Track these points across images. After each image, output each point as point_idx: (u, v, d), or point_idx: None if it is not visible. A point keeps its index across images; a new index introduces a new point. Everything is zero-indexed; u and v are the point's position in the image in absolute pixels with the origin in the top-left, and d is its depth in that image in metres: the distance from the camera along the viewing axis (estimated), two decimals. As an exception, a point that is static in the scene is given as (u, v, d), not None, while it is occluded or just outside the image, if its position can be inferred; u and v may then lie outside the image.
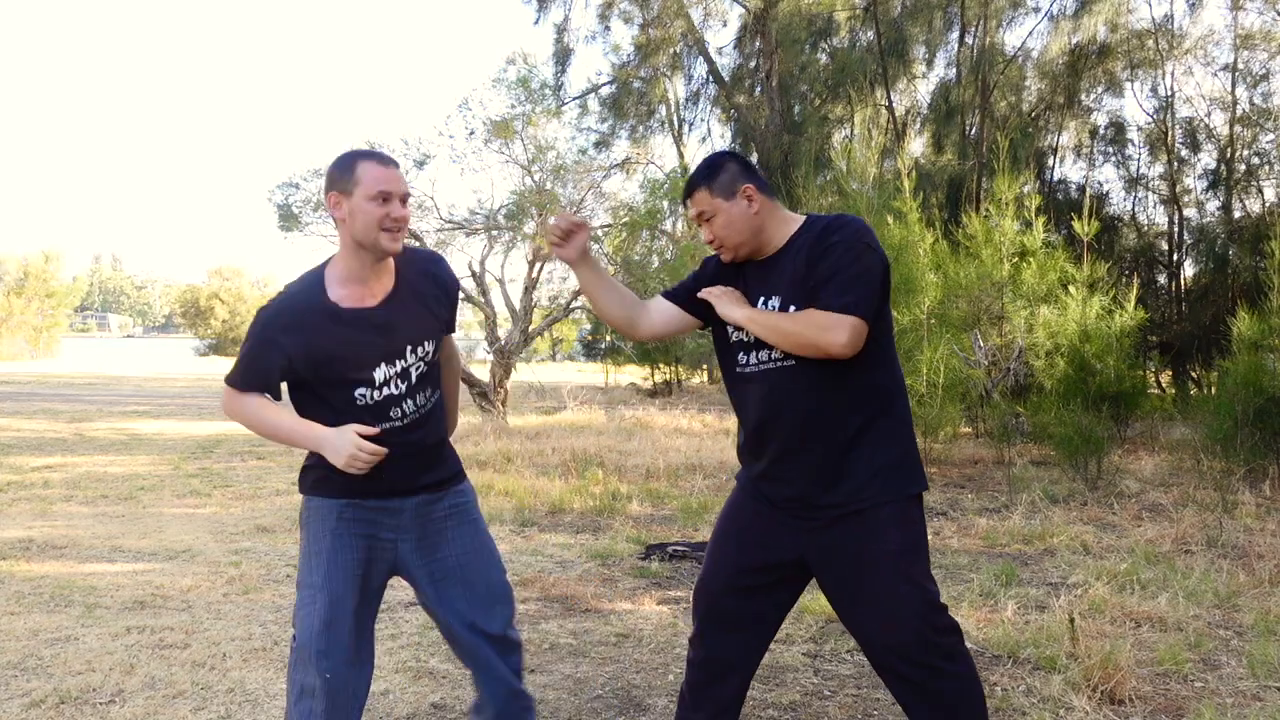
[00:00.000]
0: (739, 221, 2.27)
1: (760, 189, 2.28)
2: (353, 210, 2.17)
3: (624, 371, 23.02)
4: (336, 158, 2.25)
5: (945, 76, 17.33)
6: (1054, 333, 8.48)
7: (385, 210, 2.18)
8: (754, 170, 2.32)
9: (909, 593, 2.17)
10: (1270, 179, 14.64)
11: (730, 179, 2.27)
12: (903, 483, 2.23)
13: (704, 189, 2.29)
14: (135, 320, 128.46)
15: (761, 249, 2.32)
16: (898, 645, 2.18)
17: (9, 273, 35.79)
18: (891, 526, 2.20)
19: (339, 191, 2.20)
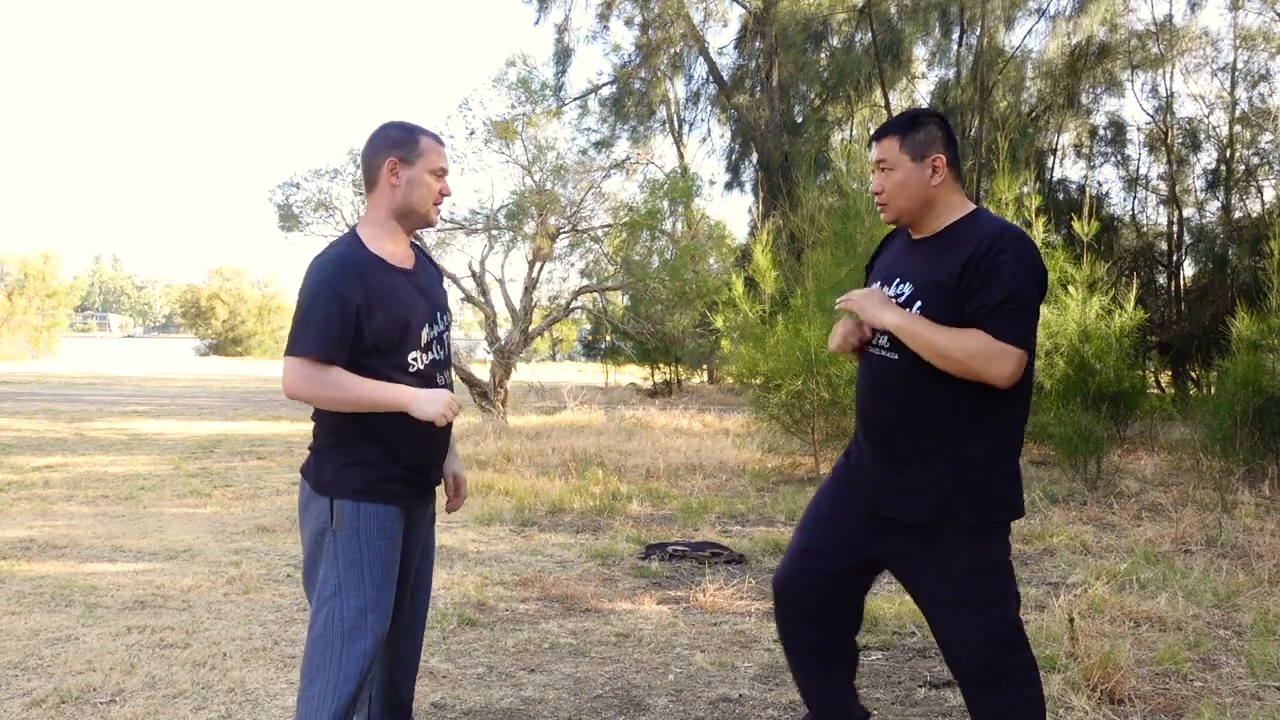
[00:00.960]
0: (914, 187, 2.16)
1: (950, 163, 2.17)
2: (412, 179, 2.23)
3: (624, 371, 23.03)
4: (393, 125, 2.27)
5: (944, 76, 17.34)
6: (1053, 333, 8.48)
7: (440, 185, 2.26)
8: (954, 142, 2.20)
9: (983, 623, 2.13)
10: (1270, 179, 14.65)
11: (926, 140, 2.16)
12: (987, 505, 2.14)
13: (895, 138, 2.17)
14: (135, 320, 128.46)
15: (922, 225, 2.21)
16: (962, 670, 2.19)
17: (9, 273, 35.77)
18: (967, 550, 2.15)
19: (400, 159, 2.22)
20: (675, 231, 13.99)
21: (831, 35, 18.31)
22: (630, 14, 21.45)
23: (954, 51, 16.96)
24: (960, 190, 2.22)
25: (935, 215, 2.19)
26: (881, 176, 2.19)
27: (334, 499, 2.22)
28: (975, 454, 2.13)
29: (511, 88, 12.22)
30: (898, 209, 2.20)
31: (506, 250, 12.79)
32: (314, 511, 2.27)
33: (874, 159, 2.21)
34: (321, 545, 2.25)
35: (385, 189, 2.24)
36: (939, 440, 2.13)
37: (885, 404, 2.20)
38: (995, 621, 2.14)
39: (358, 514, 2.22)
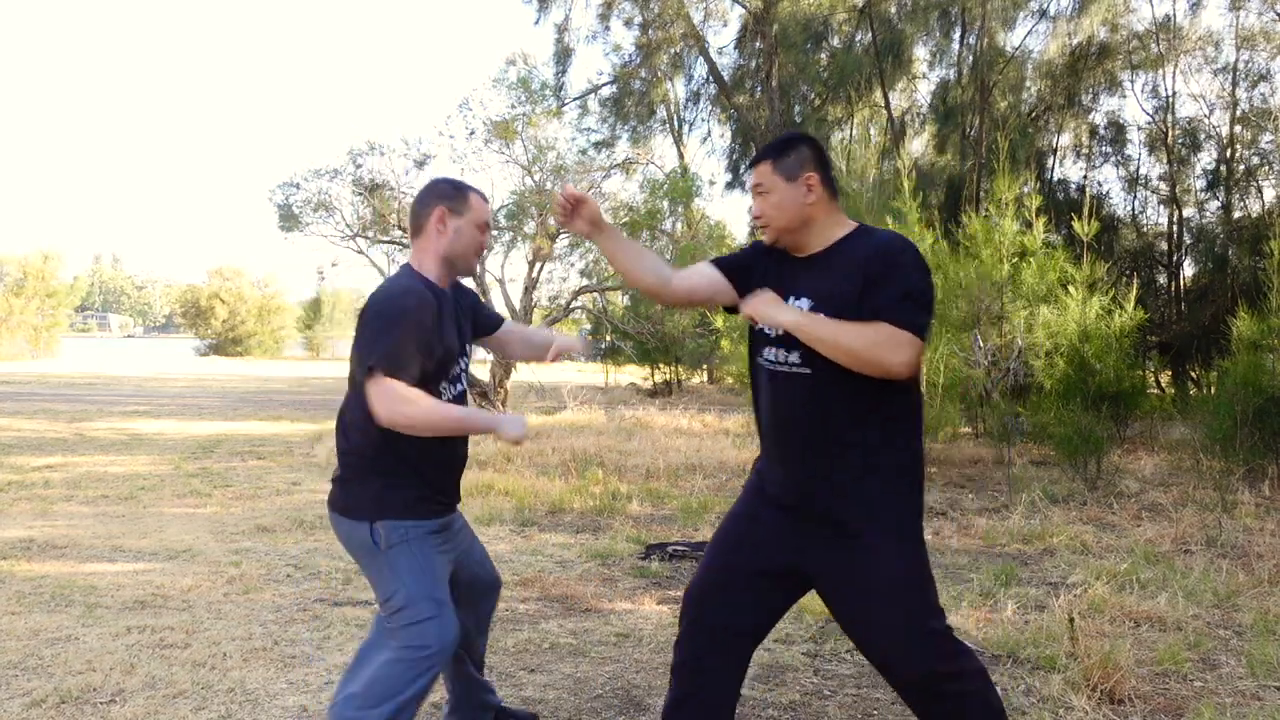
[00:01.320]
0: (791, 207, 2.22)
1: (824, 182, 2.23)
2: (459, 230, 2.45)
3: (624, 371, 23.04)
4: (445, 180, 2.53)
5: (945, 77, 17.34)
6: (1054, 333, 8.48)
7: (483, 239, 2.49)
8: (826, 162, 2.27)
9: (913, 633, 2.14)
10: (1270, 179, 14.65)
11: (797, 162, 2.23)
12: (906, 512, 2.20)
13: (769, 163, 2.25)
14: (135, 320, 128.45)
15: (804, 244, 2.26)
16: (903, 678, 2.18)
17: (9, 273, 35.76)
18: (895, 558, 2.16)
19: (450, 210, 2.44)
20: (675, 231, 13.99)
21: (832, 35, 18.30)
22: (630, 14, 21.44)
23: (954, 51, 16.96)
24: (838, 209, 2.29)
25: (816, 233, 2.25)
26: (760, 200, 2.26)
27: (374, 522, 2.36)
28: (896, 460, 2.19)
29: (511, 88, 12.24)
30: (777, 229, 2.27)
31: (506, 250, 12.81)
32: (357, 540, 2.40)
33: (751, 185, 2.30)
34: (376, 566, 2.39)
35: (432, 235, 2.44)
36: (859, 451, 2.17)
37: (801, 420, 2.22)
38: (933, 630, 2.14)
39: (405, 530, 2.37)
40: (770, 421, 2.29)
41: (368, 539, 2.37)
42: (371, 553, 2.37)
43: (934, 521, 6.29)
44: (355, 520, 2.38)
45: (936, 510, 6.66)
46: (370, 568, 2.41)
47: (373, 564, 2.39)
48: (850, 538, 2.17)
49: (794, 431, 2.24)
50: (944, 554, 5.34)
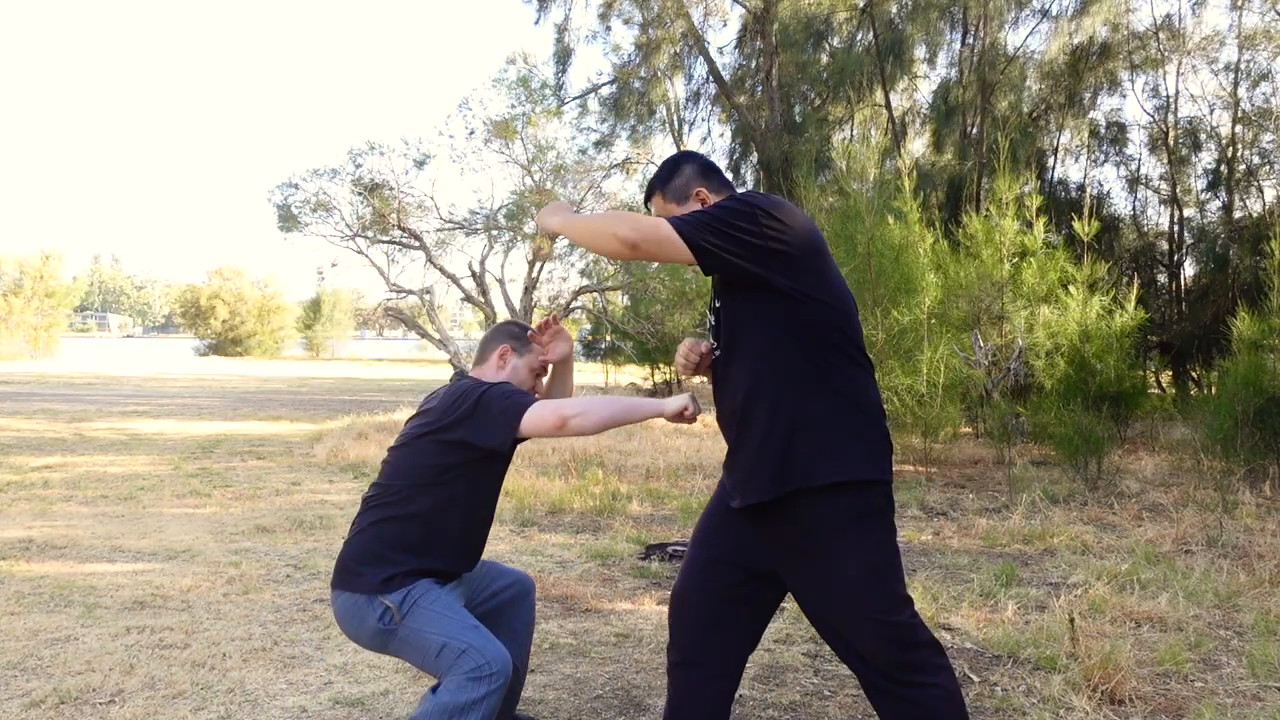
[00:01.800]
0: None
1: (714, 190, 2.23)
2: (516, 368, 2.70)
3: (624, 371, 23.04)
4: (519, 324, 2.81)
5: (946, 76, 17.34)
6: (1054, 333, 8.49)
7: (535, 384, 2.73)
8: (711, 171, 2.26)
9: (874, 629, 2.05)
10: (1271, 179, 14.65)
11: (684, 183, 2.24)
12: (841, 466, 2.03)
13: (658, 195, 2.27)
14: (135, 320, 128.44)
15: None
16: (865, 674, 2.10)
17: (8, 273, 35.77)
18: (843, 546, 2.05)
19: (513, 348, 2.71)
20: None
21: (832, 35, 18.30)
22: (630, 14, 21.44)
23: (955, 51, 16.96)
24: None
25: None
26: None
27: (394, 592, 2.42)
28: (814, 415, 2.05)
29: (511, 87, 12.24)
30: None
31: (506, 250, 12.82)
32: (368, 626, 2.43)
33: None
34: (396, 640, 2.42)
35: (492, 368, 2.70)
36: (775, 411, 2.06)
37: (725, 393, 2.18)
38: (895, 625, 2.05)
39: (418, 592, 2.43)
40: (717, 406, 2.26)
41: (374, 616, 2.42)
42: (388, 630, 2.42)
43: (934, 521, 6.29)
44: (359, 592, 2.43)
45: (937, 510, 6.65)
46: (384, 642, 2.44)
47: (387, 640, 2.43)
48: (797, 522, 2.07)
49: (721, 415, 2.22)
50: (944, 554, 5.34)
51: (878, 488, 2.08)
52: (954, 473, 8.32)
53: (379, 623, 2.40)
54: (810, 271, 2.08)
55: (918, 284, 8.36)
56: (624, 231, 2.02)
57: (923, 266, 8.58)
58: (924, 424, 8.19)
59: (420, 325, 16.47)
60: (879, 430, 2.12)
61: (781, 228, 2.06)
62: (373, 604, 2.41)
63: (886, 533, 2.10)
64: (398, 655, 2.47)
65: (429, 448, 2.48)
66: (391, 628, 2.40)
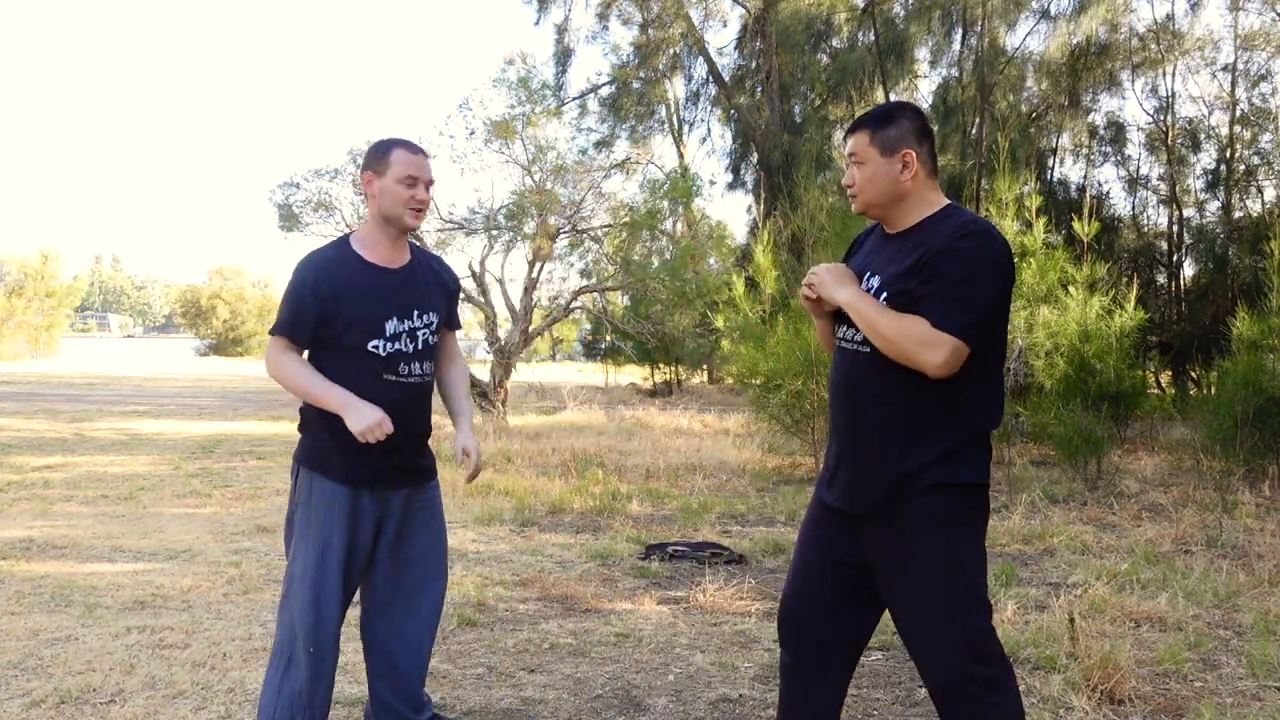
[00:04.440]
0: (883, 181, 2.14)
1: (922, 159, 2.14)
2: (383, 189, 2.49)
3: (624, 371, 23.04)
4: (377, 142, 2.56)
5: (946, 76, 17.34)
6: (1054, 333, 8.48)
7: (411, 193, 2.49)
8: (928, 137, 2.17)
9: (953, 624, 2.05)
10: (1270, 179, 14.65)
11: (898, 136, 2.13)
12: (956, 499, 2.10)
13: (866, 132, 2.15)
14: (135, 320, 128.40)
15: (893, 220, 2.19)
16: (935, 682, 2.10)
17: (9, 273, 35.75)
18: (939, 542, 2.08)
19: (373, 171, 2.50)
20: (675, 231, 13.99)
21: (833, 35, 18.30)
22: (630, 14, 21.45)
23: (955, 51, 16.96)
24: (935, 186, 2.20)
25: (906, 211, 2.17)
26: (853, 170, 2.19)
27: (303, 467, 2.50)
28: (946, 446, 2.10)
29: (511, 87, 12.22)
30: (865, 201, 2.20)
31: (506, 250, 12.79)
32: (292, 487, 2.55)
33: (847, 152, 2.22)
34: (293, 521, 2.52)
35: (369, 200, 2.54)
36: (905, 434, 2.10)
37: (856, 397, 2.18)
38: (972, 630, 2.07)
39: (317, 491, 2.47)
40: (830, 398, 2.26)
41: (303, 483, 2.50)
42: (295, 504, 2.50)
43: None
44: (302, 464, 2.52)
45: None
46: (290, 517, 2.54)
47: (292, 515, 2.52)
48: (893, 521, 2.11)
49: (845, 409, 2.20)
50: (944, 554, 5.33)
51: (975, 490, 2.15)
52: (954, 473, 8.31)
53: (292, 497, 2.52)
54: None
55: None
56: (939, 360, 2.01)
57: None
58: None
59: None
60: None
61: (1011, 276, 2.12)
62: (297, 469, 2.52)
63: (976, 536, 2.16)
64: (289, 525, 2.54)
65: None
66: (290, 509, 2.50)
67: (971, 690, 2.05)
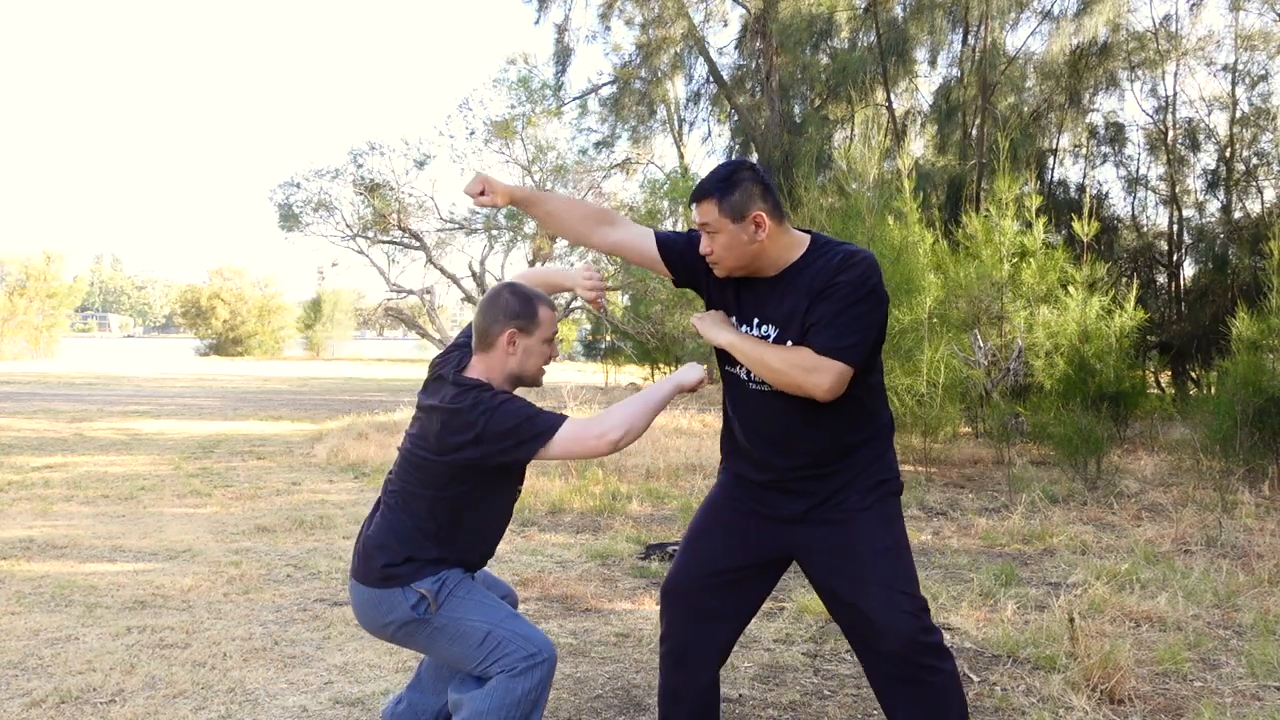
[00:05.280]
0: (740, 247, 2.20)
1: (772, 214, 2.19)
2: (528, 349, 2.41)
3: (624, 371, 23.04)
4: (515, 292, 2.43)
5: (947, 76, 17.35)
6: (1054, 333, 8.49)
7: (550, 350, 2.46)
8: (770, 191, 2.22)
9: (902, 597, 2.19)
10: (1270, 179, 14.65)
11: (744, 200, 2.17)
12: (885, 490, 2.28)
13: (713, 201, 2.19)
14: (135, 320, 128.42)
15: (762, 270, 2.26)
16: (887, 651, 2.20)
17: (10, 273, 35.78)
18: (881, 527, 2.24)
19: (519, 330, 2.39)
20: (675, 231, 13.99)
21: (833, 35, 18.30)
22: (630, 14, 21.45)
23: (956, 51, 16.96)
24: (789, 230, 2.26)
25: (771, 261, 2.24)
26: (708, 239, 2.24)
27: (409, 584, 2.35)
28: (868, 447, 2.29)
29: (512, 87, 12.25)
30: (728, 267, 2.26)
31: (506, 250, 12.83)
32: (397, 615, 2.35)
33: (698, 221, 2.25)
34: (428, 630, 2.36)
35: (501, 355, 2.40)
36: (829, 447, 2.26)
37: (770, 428, 2.29)
38: (917, 598, 2.20)
39: (450, 583, 2.38)
40: (746, 435, 2.34)
41: (434, 595, 2.34)
42: (421, 619, 2.34)
43: (934, 521, 6.29)
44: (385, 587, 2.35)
45: (936, 510, 6.66)
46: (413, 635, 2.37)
47: (415, 632, 2.36)
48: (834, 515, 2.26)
49: (760, 436, 2.32)
50: (944, 554, 5.34)
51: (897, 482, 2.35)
52: (953, 473, 8.33)
53: (412, 611, 2.32)
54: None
55: (918, 284, 8.37)
56: (825, 384, 2.11)
57: (922, 267, 8.58)
58: (924, 424, 8.19)
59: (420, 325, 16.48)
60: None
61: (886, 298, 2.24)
62: (405, 593, 2.33)
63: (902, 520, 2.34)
64: (426, 648, 2.38)
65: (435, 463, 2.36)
66: (426, 617, 2.33)
67: (922, 658, 2.18)
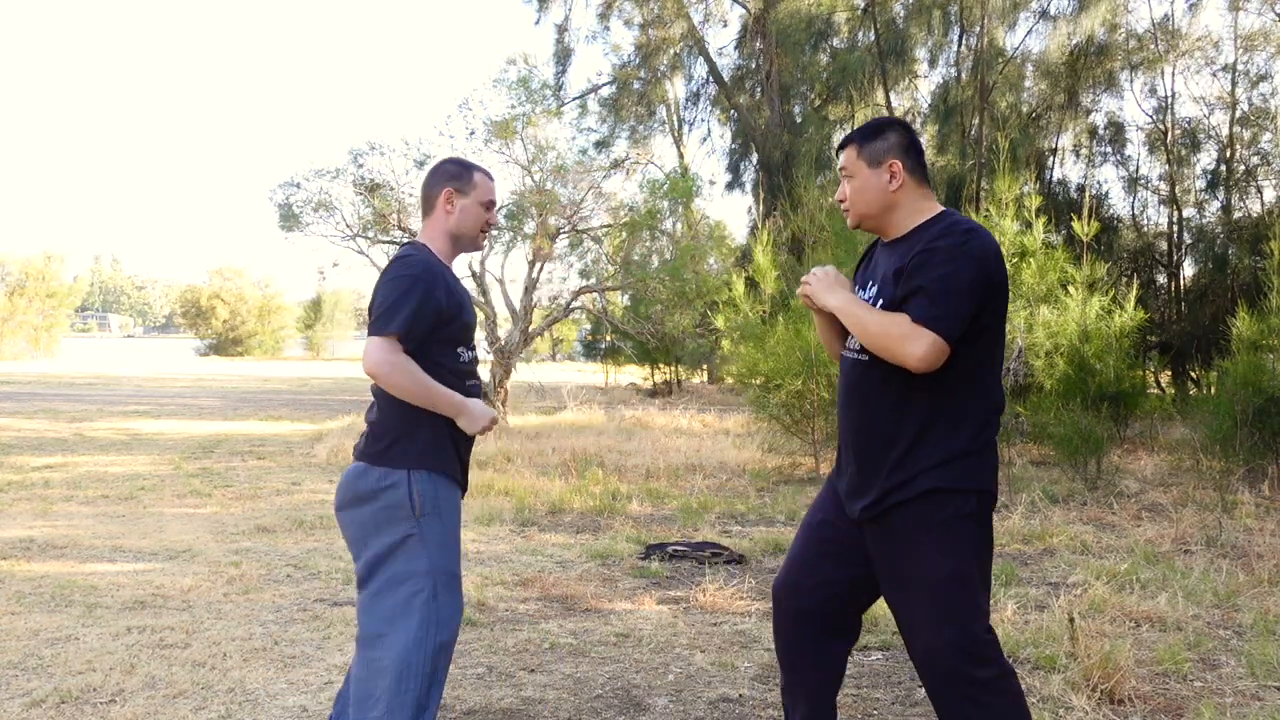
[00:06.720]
0: (871, 192, 2.22)
1: (909, 169, 2.21)
2: (464, 208, 2.52)
3: (624, 371, 23.02)
4: (454, 160, 2.61)
5: (946, 76, 17.35)
6: (1054, 333, 8.48)
7: (488, 216, 2.57)
8: (914, 148, 2.24)
9: (948, 633, 2.09)
10: (1270, 179, 14.64)
11: (884, 148, 2.21)
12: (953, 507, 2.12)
13: (854, 147, 2.24)
14: (135, 320, 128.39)
15: (887, 229, 2.27)
16: (932, 685, 2.15)
17: (10, 273, 35.77)
18: (935, 553, 2.11)
19: (455, 190, 2.52)
20: (675, 231, 13.98)
21: (833, 35, 18.30)
22: (630, 14, 21.45)
23: (955, 51, 16.96)
24: (928, 194, 2.25)
25: (898, 220, 2.24)
26: (845, 184, 2.28)
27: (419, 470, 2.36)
28: (945, 452, 2.14)
29: (511, 88, 12.22)
30: (858, 214, 2.28)
31: (506, 250, 12.78)
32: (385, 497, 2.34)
33: (839, 167, 2.30)
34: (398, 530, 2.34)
35: (441, 215, 2.52)
36: (906, 441, 2.15)
37: (857, 406, 2.24)
38: (969, 634, 2.10)
39: (440, 492, 2.37)
40: (838, 407, 2.33)
41: (403, 497, 2.32)
42: (398, 514, 2.32)
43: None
44: (390, 468, 2.34)
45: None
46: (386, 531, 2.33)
47: (393, 528, 2.33)
48: (891, 526, 2.17)
49: (847, 416, 2.27)
50: (944, 554, 5.34)
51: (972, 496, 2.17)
52: (954, 473, 8.32)
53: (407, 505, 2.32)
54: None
55: (917, 284, 8.35)
56: (919, 352, 2.04)
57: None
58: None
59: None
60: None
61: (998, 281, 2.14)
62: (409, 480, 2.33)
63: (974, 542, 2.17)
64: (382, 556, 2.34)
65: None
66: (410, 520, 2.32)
67: (969, 692, 2.09)
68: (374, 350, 2.30)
